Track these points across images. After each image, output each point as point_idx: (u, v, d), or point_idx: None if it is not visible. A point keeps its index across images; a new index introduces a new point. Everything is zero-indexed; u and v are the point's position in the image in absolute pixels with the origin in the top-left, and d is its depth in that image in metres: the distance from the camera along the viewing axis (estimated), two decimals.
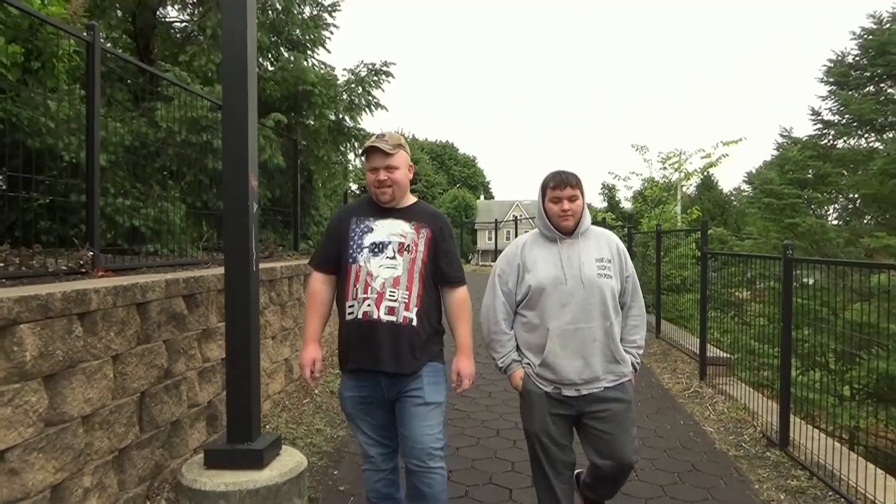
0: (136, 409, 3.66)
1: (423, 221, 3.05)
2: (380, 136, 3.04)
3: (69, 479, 3.06)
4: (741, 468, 4.99)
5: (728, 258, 8.17)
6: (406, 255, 2.95)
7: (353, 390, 3.03)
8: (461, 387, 3.07)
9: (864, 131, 11.80)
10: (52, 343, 2.95)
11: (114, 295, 3.44)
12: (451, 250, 3.08)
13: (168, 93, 6.80)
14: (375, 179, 2.99)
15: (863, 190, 11.00)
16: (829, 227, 10.33)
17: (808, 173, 11.65)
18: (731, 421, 6.23)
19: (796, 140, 12.68)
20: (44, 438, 2.89)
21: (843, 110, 11.87)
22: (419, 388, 2.94)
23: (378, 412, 3.04)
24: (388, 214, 3.04)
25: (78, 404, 3.13)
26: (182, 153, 6.82)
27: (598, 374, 3.09)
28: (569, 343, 3.05)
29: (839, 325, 6.06)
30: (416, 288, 2.93)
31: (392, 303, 2.88)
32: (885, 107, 11.38)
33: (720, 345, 8.67)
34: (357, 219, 3.06)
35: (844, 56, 12.35)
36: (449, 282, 3.07)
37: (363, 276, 2.91)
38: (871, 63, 11.71)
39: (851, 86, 12.17)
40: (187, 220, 7.09)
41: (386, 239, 2.96)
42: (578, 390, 3.09)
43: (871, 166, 10.47)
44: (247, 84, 3.88)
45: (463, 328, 3.10)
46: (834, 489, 4.44)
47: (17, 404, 2.72)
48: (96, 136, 4.27)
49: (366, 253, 2.94)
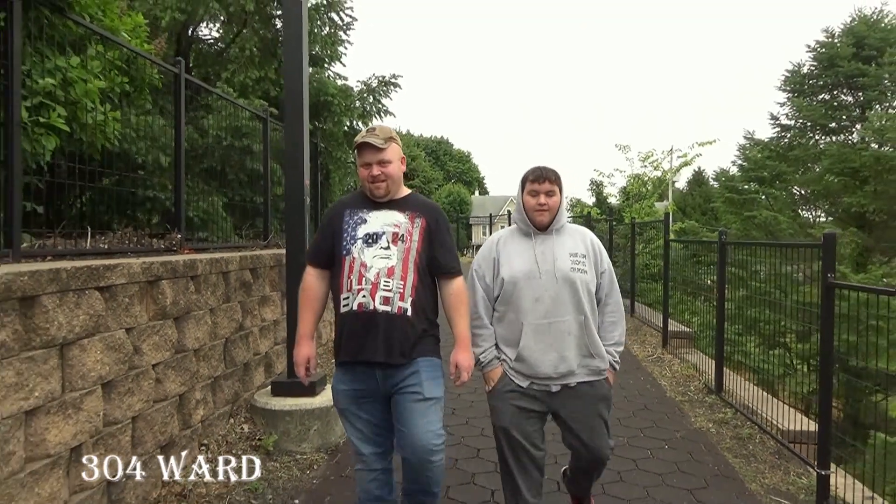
0: (223, 350, 4.83)
1: (417, 211, 2.95)
2: (370, 131, 2.92)
3: (188, 392, 4.23)
4: (683, 408, 6.19)
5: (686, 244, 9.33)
6: (400, 244, 2.84)
7: (346, 384, 2.89)
8: (460, 379, 2.91)
9: (816, 134, 13.00)
10: (178, 296, 4.11)
11: (210, 265, 4.61)
12: (446, 240, 2.96)
13: (216, 105, 7.91)
14: (369, 175, 2.88)
15: (812, 187, 12.22)
16: (782, 219, 11.52)
17: (765, 172, 12.84)
18: (682, 377, 7.45)
19: (758, 142, 13.89)
20: (174, 360, 4.06)
21: (797, 115, 13.07)
22: (417, 384, 2.81)
23: (372, 407, 2.90)
24: (382, 206, 2.94)
25: (191, 341, 4.30)
26: (226, 155, 7.94)
27: (573, 368, 3.03)
28: (543, 337, 3.00)
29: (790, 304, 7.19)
30: (410, 278, 2.82)
31: (387, 293, 2.76)
32: (835, 112, 12.58)
33: (690, 324, 9.91)
34: (350, 211, 2.95)
35: (800, 67, 13.56)
36: (444, 272, 2.94)
37: (357, 267, 2.79)
38: (822, 73, 12.91)
39: (807, 94, 13.38)
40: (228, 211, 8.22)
41: (380, 229, 2.86)
42: (554, 385, 3.05)
43: (819, 166, 11.66)
44: (302, 108, 5.06)
45: (460, 320, 2.95)
46: (750, 419, 5.64)
47: (161, 334, 3.89)
48: (182, 146, 5.41)
49: (359, 244, 2.83)
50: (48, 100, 3.74)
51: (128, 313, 3.52)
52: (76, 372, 3.06)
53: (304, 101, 5.05)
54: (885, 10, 12.89)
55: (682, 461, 4.72)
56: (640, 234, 14.14)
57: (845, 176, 11.18)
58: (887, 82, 12.08)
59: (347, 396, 2.89)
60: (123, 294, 3.48)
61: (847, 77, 12.39)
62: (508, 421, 3.06)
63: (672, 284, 9.31)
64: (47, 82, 3.71)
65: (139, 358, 3.63)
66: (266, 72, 9.10)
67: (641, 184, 19.56)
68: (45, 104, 3.72)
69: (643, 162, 18.95)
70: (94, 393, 3.20)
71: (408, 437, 2.79)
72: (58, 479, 2.92)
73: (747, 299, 6.63)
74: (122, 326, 3.47)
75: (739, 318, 7.44)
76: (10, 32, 3.31)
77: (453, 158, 73.95)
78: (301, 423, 4.72)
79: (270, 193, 7.86)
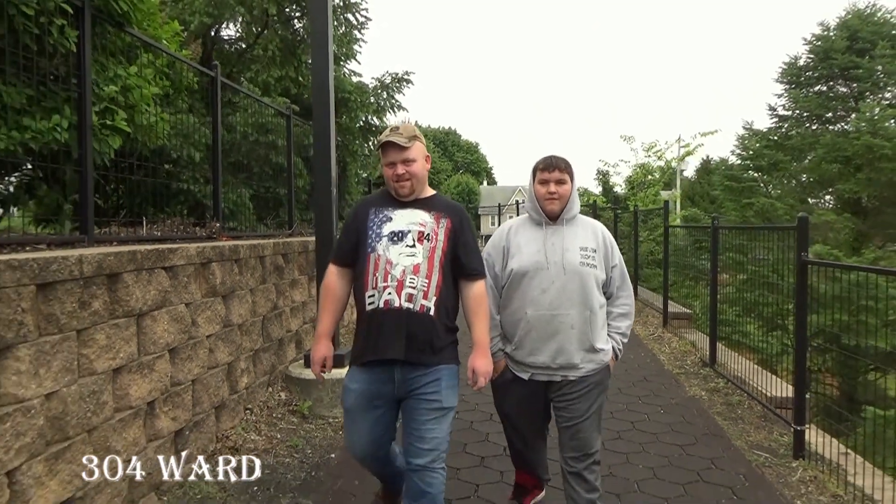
0: (261, 326, 5.32)
1: (443, 212, 2.89)
2: (394, 130, 2.88)
3: (234, 361, 4.73)
4: (679, 379, 6.65)
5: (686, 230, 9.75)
6: (426, 243, 2.79)
7: (361, 383, 2.81)
8: (477, 385, 2.84)
9: (813, 124, 13.36)
10: (225, 276, 4.59)
11: (250, 250, 5.09)
12: (469, 242, 2.90)
13: (243, 103, 8.38)
14: (393, 174, 2.84)
15: (808, 175, 12.60)
16: (778, 206, 11.92)
17: (763, 161, 13.22)
18: (680, 353, 7.91)
19: (757, 132, 14.27)
20: (223, 333, 4.55)
21: (794, 106, 13.44)
22: (437, 392, 2.76)
23: (380, 412, 2.83)
24: (407, 205, 2.90)
25: (236, 317, 4.79)
26: (252, 150, 8.42)
27: (574, 362, 2.99)
28: (545, 328, 2.96)
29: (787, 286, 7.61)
30: (435, 277, 2.76)
31: (412, 290, 2.71)
32: (830, 102, 12.94)
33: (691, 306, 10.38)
34: (375, 209, 2.90)
35: (797, 59, 13.91)
36: (467, 274, 2.87)
37: (382, 264, 2.74)
38: (818, 66, 13.26)
39: (803, 85, 13.73)
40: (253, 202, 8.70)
41: (405, 228, 2.81)
42: (552, 376, 3.03)
43: (814, 155, 12.05)
44: (329, 105, 5.52)
45: (480, 324, 2.87)
46: (740, 388, 6.09)
47: (212, 310, 4.38)
48: (219, 143, 5.89)
49: (385, 242, 2.78)
50: (112, 105, 4.21)
51: (186, 290, 4.01)
52: (149, 339, 3.55)
53: (330, 102, 5.51)
54: (878, 4, 13.22)
55: (676, 423, 5.19)
56: (644, 221, 14.55)
57: (839, 164, 11.56)
58: (880, 74, 12.41)
59: (358, 396, 2.80)
60: (183, 274, 3.97)
61: (842, 69, 12.74)
62: (510, 408, 3.17)
63: (675, 269, 9.74)
64: (111, 89, 4.18)
65: (196, 329, 4.12)
66: (286, 71, 9.55)
67: (646, 173, 19.96)
68: (110, 108, 4.19)
69: (647, 152, 19.35)
70: (163, 357, 3.70)
71: (418, 440, 2.74)
72: (138, 427, 3.42)
73: (747, 281, 7.05)
74: (183, 301, 3.96)
75: (738, 301, 7.86)
76: (82, 48, 3.78)
77: (461, 149, 74.04)
78: (332, 391, 5.21)
79: (293, 185, 8.33)
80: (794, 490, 4.01)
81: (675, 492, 3.92)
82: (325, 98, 5.51)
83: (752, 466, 4.33)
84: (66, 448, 2.83)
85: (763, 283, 6.73)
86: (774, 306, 6.61)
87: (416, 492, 2.73)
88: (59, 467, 2.78)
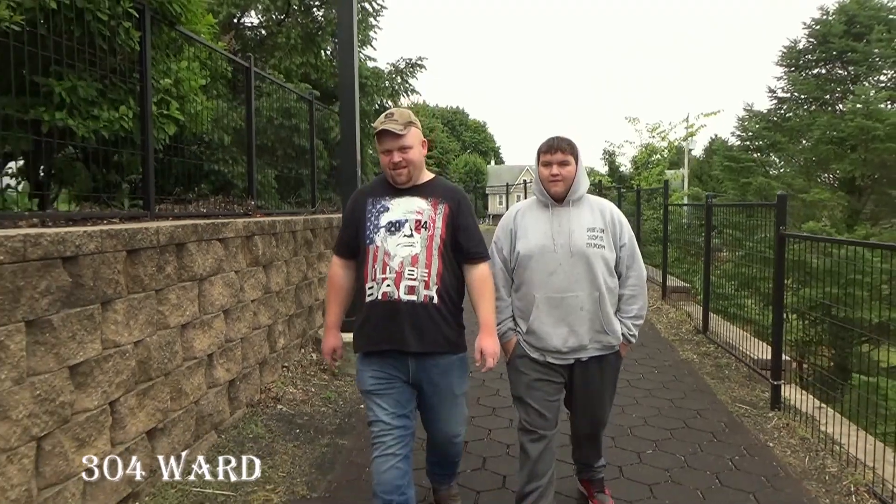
0: (294, 294, 5.85)
1: (440, 197, 2.83)
2: (388, 116, 2.79)
3: (273, 324, 5.26)
4: (673, 344, 7.16)
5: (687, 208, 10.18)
6: (424, 232, 2.73)
7: (374, 365, 2.77)
8: (485, 366, 2.80)
9: (811, 106, 13.71)
10: (265, 248, 5.11)
11: (285, 225, 5.60)
12: (470, 225, 2.85)
13: (268, 89, 8.85)
14: (390, 162, 2.77)
15: (804, 155, 12.99)
16: (775, 185, 12.32)
17: (761, 141, 13.60)
18: (676, 322, 8.41)
19: (756, 113, 14.63)
20: (264, 298, 5.08)
21: (792, 88, 13.79)
22: (449, 382, 2.81)
23: (399, 387, 2.77)
24: (403, 192, 2.83)
25: (274, 284, 5.31)
26: (276, 133, 8.90)
27: (585, 343, 2.96)
28: (554, 311, 2.93)
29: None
30: (435, 265, 2.72)
31: (412, 282, 2.68)
32: (828, 85, 13.28)
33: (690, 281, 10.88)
34: (373, 199, 2.85)
35: (797, 43, 14.23)
36: (469, 257, 2.83)
37: (381, 255, 2.71)
38: (816, 49, 13.58)
39: (802, 68, 14.07)
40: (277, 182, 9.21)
41: (402, 217, 2.76)
42: (564, 358, 2.99)
43: (811, 136, 12.44)
44: (354, 96, 5.99)
45: (485, 305, 2.84)
46: (729, 351, 6.60)
47: (255, 278, 4.90)
48: (253, 129, 6.37)
49: (382, 233, 2.74)
50: (166, 95, 4.70)
51: (235, 259, 4.53)
52: (208, 300, 4.08)
53: (355, 92, 5.99)
54: None
55: (668, 381, 5.70)
56: (648, 200, 14.98)
57: (834, 144, 11.94)
58: (876, 58, 12.74)
59: (374, 378, 2.76)
60: (232, 245, 4.49)
61: (839, 52, 13.06)
62: (522, 390, 3.06)
63: (677, 246, 10.19)
64: (166, 82, 4.67)
65: (243, 294, 4.64)
66: (307, 58, 10.00)
67: (650, 153, 20.32)
68: (164, 99, 4.69)
69: (651, 133, 19.68)
70: (219, 317, 4.22)
71: (437, 423, 2.93)
72: (201, 375, 3.96)
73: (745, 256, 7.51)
74: (233, 269, 4.48)
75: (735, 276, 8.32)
76: (144, 46, 4.27)
77: (469, 129, 73.80)
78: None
79: (315, 167, 8.82)
80: (767, 435, 4.52)
81: (663, 436, 4.44)
82: (351, 95, 6.00)
83: (733, 416, 4.85)
84: (150, 387, 3.37)
85: (761, 258, 7.20)
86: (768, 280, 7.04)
87: (437, 451, 3.11)
88: (145, 402, 3.32)
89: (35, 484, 2.54)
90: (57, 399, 2.65)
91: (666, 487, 3.69)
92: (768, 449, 4.26)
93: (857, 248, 5.60)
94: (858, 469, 3.87)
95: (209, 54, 6.29)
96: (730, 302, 8.97)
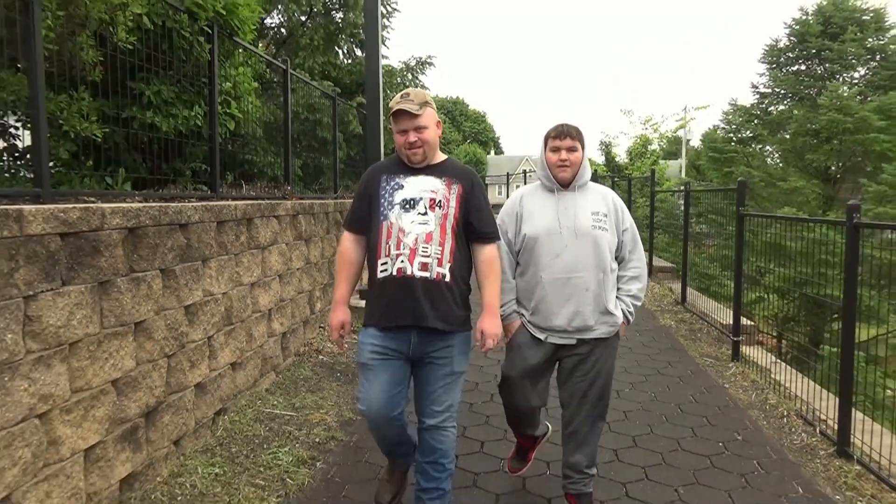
0: (327, 266, 6.68)
1: (454, 177, 2.81)
2: (405, 96, 2.76)
3: (312, 290, 6.09)
4: (654, 313, 7.99)
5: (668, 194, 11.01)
6: (438, 210, 2.73)
7: (377, 339, 2.74)
8: (485, 347, 2.79)
9: (791, 101, 14.51)
10: (307, 226, 5.92)
11: (321, 206, 6.43)
12: (482, 206, 2.83)
13: (294, 87, 9.61)
14: (405, 141, 2.74)
15: (783, 146, 13.80)
16: (755, 174, 13.13)
17: (744, 133, 14.40)
18: (659, 296, 9.26)
19: (740, 107, 15.43)
20: (306, 268, 5.90)
21: (773, 84, 14.58)
22: (450, 357, 2.76)
23: (396, 366, 2.75)
24: (418, 171, 2.81)
25: (313, 257, 6.13)
26: (301, 126, 9.70)
27: (590, 324, 2.94)
28: (560, 291, 2.92)
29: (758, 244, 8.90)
30: (448, 244, 2.71)
31: (425, 258, 2.67)
32: (806, 81, 14.07)
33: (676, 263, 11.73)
34: (387, 176, 2.83)
35: (778, 42, 15.00)
36: (480, 238, 2.81)
37: (395, 232, 2.69)
38: (795, 47, 14.36)
39: (782, 65, 14.85)
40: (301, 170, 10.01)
41: (417, 195, 2.74)
42: (568, 338, 2.97)
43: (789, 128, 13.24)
44: (378, 98, 6.81)
45: (491, 286, 2.81)
46: (702, 318, 7.44)
47: (300, 250, 5.72)
48: (290, 123, 7.18)
49: (397, 209, 2.73)
50: (228, 96, 5.51)
51: (285, 234, 5.36)
52: (267, 266, 4.91)
53: (379, 92, 6.80)
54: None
55: (647, 342, 6.55)
56: (641, 189, 15.79)
57: (810, 136, 12.74)
58: (850, 56, 13.51)
59: (374, 351, 2.73)
60: (283, 222, 5.31)
61: (816, 51, 13.83)
62: (517, 371, 3.03)
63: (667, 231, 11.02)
64: (227, 86, 5.48)
65: (291, 263, 5.48)
66: (329, 57, 10.78)
67: (644, 143, 21.13)
68: (226, 99, 5.49)
69: (644, 124, 20.50)
70: (275, 280, 5.06)
71: (429, 401, 2.78)
72: (264, 325, 4.80)
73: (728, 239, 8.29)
74: (284, 242, 5.31)
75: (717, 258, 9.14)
76: (213, 56, 5.07)
77: (469, 119, 73.56)
78: None
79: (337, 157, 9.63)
80: (726, 380, 5.36)
81: (637, 380, 5.28)
82: (376, 94, 6.85)
83: (698, 367, 5.69)
84: (232, 329, 4.21)
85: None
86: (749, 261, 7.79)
87: (428, 448, 2.80)
88: (229, 341, 4.16)
89: (164, 390, 3.39)
90: (178, 329, 3.50)
91: (637, 414, 4.53)
92: (724, 389, 5.10)
93: (807, 224, 6.40)
94: (793, 401, 4.72)
95: (250, 56, 7.10)
96: (712, 281, 9.81)
